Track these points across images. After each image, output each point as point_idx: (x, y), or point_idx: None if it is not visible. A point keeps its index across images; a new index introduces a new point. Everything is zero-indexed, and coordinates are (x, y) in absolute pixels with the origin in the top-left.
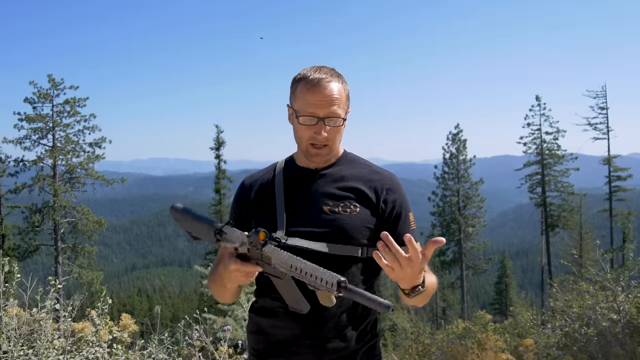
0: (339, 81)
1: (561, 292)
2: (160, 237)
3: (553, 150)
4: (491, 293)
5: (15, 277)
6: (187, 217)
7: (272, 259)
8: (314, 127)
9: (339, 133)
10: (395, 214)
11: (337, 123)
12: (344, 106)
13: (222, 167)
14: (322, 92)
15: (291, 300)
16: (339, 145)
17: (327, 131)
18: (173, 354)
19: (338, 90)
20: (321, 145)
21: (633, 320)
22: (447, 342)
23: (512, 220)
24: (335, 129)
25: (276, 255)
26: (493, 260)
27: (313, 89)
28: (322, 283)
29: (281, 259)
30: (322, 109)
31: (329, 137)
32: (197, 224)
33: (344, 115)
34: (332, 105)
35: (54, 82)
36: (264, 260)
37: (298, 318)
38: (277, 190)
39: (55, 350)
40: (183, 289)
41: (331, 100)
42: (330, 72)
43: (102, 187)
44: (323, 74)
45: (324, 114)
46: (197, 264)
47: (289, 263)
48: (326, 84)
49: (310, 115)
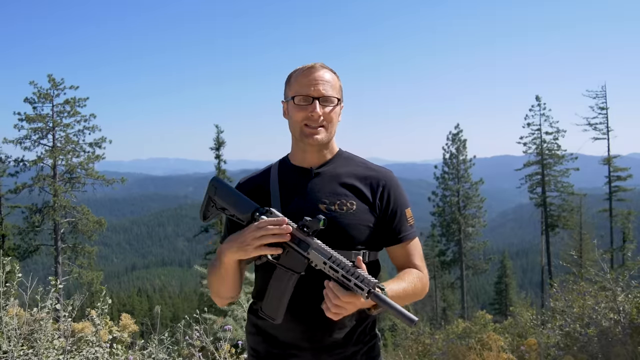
0: (331, 72)
1: (561, 292)
2: (160, 237)
3: (553, 150)
4: (491, 293)
5: (16, 277)
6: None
7: (311, 246)
8: (308, 107)
9: (334, 115)
10: (392, 210)
11: (331, 102)
12: (337, 93)
13: (222, 167)
14: (315, 74)
15: (274, 304)
16: (334, 134)
17: (326, 110)
18: (173, 354)
19: (331, 77)
20: (316, 125)
21: (633, 320)
22: (447, 342)
23: (512, 220)
24: (329, 109)
25: (317, 243)
26: (493, 260)
27: (306, 72)
28: (358, 281)
29: (322, 247)
30: (316, 90)
31: (324, 117)
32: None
33: (337, 97)
34: (325, 85)
35: (54, 82)
36: (301, 247)
37: (298, 320)
38: (273, 189)
39: (55, 350)
40: (183, 289)
41: (324, 81)
42: (323, 64)
43: (102, 187)
44: (317, 64)
45: (318, 94)
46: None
47: (331, 253)
48: (319, 68)
49: (305, 95)
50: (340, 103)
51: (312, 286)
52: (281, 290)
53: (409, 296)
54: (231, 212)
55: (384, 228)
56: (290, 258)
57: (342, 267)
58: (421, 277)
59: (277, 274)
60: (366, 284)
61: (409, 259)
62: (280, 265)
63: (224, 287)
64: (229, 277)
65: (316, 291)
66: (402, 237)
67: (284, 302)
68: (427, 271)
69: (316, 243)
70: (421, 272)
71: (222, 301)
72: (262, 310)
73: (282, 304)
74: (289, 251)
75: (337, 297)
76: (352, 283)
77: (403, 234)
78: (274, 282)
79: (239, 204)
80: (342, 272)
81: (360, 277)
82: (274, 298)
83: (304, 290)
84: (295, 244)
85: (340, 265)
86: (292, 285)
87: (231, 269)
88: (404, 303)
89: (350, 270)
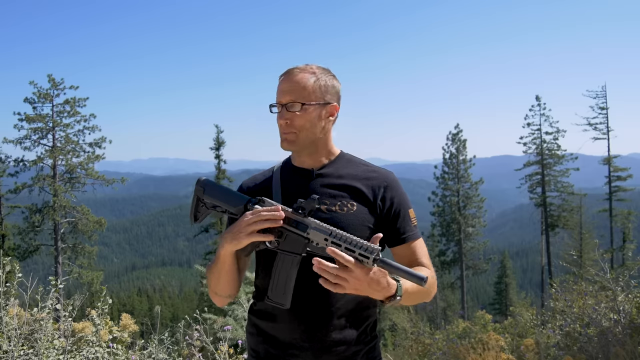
0: (311, 74)
1: (561, 292)
2: (160, 237)
3: (553, 150)
4: (491, 293)
5: (16, 277)
6: (216, 187)
7: (310, 225)
8: (278, 114)
9: (303, 120)
10: (394, 211)
11: (294, 108)
12: (309, 96)
13: (222, 167)
14: (288, 80)
15: (280, 288)
16: (314, 136)
17: (287, 116)
18: (173, 354)
19: (306, 79)
20: (287, 131)
21: (633, 321)
22: (447, 342)
23: (512, 220)
24: (294, 114)
25: (315, 222)
26: (493, 260)
27: (281, 79)
28: (362, 249)
29: (320, 224)
30: (284, 97)
31: (291, 123)
32: (232, 194)
33: (303, 101)
34: (293, 91)
35: (54, 82)
36: (299, 228)
37: (298, 320)
38: (275, 190)
39: (55, 350)
40: (183, 289)
41: (293, 87)
42: (308, 67)
43: (102, 187)
44: (296, 68)
45: (285, 100)
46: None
47: (330, 229)
48: (297, 72)
49: (277, 104)
50: (322, 104)
51: (312, 286)
52: (285, 275)
53: (417, 293)
54: (223, 208)
55: (387, 229)
56: (290, 241)
57: (344, 239)
58: (430, 276)
59: (279, 259)
60: (370, 252)
61: (415, 258)
62: (280, 250)
63: (221, 283)
64: (226, 271)
65: (316, 291)
66: (406, 237)
67: (289, 287)
68: (434, 271)
69: (315, 222)
70: (428, 270)
71: (220, 300)
72: (269, 297)
73: (288, 288)
74: (287, 235)
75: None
76: (357, 254)
77: (407, 233)
78: (277, 268)
79: (230, 198)
80: (344, 245)
81: (364, 246)
82: (279, 284)
83: (304, 290)
84: (293, 227)
85: (342, 238)
86: (295, 269)
87: (227, 262)
88: (412, 301)
89: (353, 242)
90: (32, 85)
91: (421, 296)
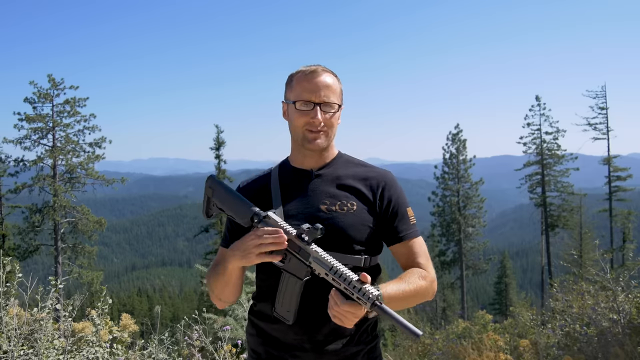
0: (332, 75)
1: (561, 292)
2: (160, 237)
3: (553, 150)
4: (491, 293)
5: (16, 277)
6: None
7: (311, 255)
8: (310, 112)
9: (335, 121)
10: (392, 209)
11: (332, 109)
12: (338, 98)
13: (222, 167)
14: (317, 79)
15: (286, 305)
16: (334, 137)
17: (326, 115)
18: (173, 354)
19: (332, 81)
20: (317, 130)
21: (633, 321)
22: (447, 342)
23: (512, 220)
24: (330, 115)
25: (316, 253)
26: (493, 260)
27: (309, 77)
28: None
29: (323, 257)
30: (317, 95)
31: (325, 123)
32: (238, 202)
33: (338, 103)
34: (327, 91)
35: (54, 82)
36: (301, 255)
37: (299, 321)
38: (274, 191)
39: (55, 350)
40: (183, 289)
41: (326, 86)
42: (325, 68)
43: (102, 187)
44: (319, 68)
45: (319, 99)
46: (197, 264)
47: (331, 264)
48: (321, 72)
49: (307, 101)
50: (341, 107)
51: (313, 288)
52: (290, 294)
53: (410, 297)
54: (230, 214)
55: (385, 227)
56: (294, 264)
57: (344, 279)
58: (425, 276)
59: (284, 278)
60: (367, 298)
61: (413, 257)
62: (285, 270)
63: (227, 291)
64: (233, 282)
65: (317, 293)
66: (404, 236)
67: (294, 305)
68: (433, 270)
69: (315, 252)
70: (425, 270)
71: (222, 304)
72: (276, 311)
73: (292, 306)
74: (291, 258)
75: (337, 304)
76: (355, 297)
77: (405, 232)
78: (282, 286)
79: (236, 207)
80: (344, 286)
81: (362, 291)
82: (284, 301)
83: (305, 292)
84: (296, 252)
85: (342, 277)
86: (299, 290)
87: (235, 275)
88: (406, 304)
89: (352, 284)
90: (32, 85)
91: (415, 299)
